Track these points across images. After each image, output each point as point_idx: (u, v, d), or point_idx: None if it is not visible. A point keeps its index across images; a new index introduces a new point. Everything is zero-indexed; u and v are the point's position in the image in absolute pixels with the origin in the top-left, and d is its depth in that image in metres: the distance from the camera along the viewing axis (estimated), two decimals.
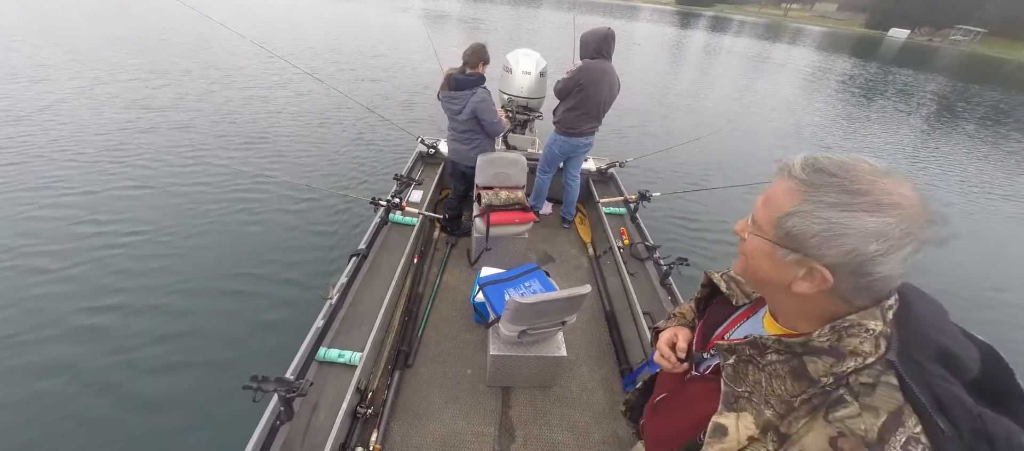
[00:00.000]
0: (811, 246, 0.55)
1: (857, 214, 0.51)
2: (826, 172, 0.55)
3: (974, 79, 25.15)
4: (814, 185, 0.55)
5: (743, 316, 0.81)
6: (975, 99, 16.94)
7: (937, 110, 13.93)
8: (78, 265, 3.24)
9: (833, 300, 0.58)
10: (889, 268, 0.52)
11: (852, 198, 0.52)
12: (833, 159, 0.56)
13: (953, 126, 11.65)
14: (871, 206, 0.51)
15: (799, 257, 0.57)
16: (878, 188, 0.52)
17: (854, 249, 0.52)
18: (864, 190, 0.52)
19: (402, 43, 13.95)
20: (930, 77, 23.00)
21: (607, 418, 2.10)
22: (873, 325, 0.56)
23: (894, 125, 11.02)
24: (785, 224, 0.57)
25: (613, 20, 32.75)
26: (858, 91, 15.59)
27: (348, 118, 6.76)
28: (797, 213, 0.56)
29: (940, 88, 19.15)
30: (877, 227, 0.51)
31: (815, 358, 0.58)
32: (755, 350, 0.65)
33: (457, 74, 2.71)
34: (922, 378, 0.53)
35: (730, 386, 0.67)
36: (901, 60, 31.55)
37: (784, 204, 0.58)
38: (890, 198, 0.51)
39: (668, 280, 2.53)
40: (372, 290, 2.30)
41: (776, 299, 0.69)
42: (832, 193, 0.53)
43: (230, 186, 4.45)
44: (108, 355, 2.62)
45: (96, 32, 10.43)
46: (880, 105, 13.45)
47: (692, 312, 1.00)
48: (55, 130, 5.21)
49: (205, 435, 2.27)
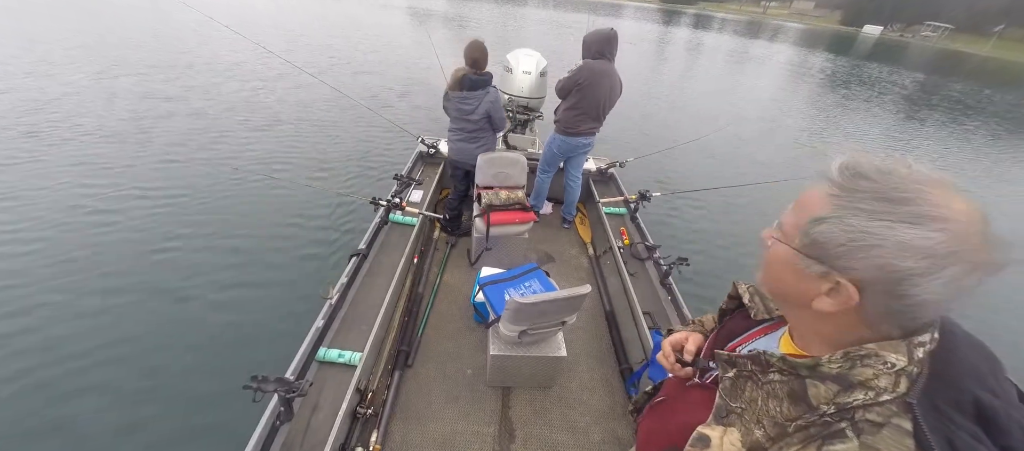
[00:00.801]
0: (837, 256, 0.50)
1: (893, 224, 0.46)
2: (864, 176, 0.49)
3: (942, 73, 27.24)
4: (849, 190, 0.50)
5: (761, 332, 0.76)
6: (943, 91, 18.53)
7: (909, 103, 14.89)
8: (77, 264, 3.24)
9: (858, 323, 0.52)
10: (929, 292, 0.45)
11: (890, 206, 0.46)
12: (875, 163, 0.50)
13: (924, 116, 12.82)
14: (912, 217, 0.45)
15: (824, 269, 0.52)
16: (923, 197, 0.45)
17: (886, 264, 0.46)
18: (905, 198, 0.46)
19: (396, 42, 13.95)
20: (905, 73, 24.35)
21: (607, 418, 2.10)
22: (894, 359, 0.49)
23: (872, 117, 11.65)
24: (812, 231, 0.52)
25: (598, 18, 32.85)
26: (839, 85, 16.56)
27: (348, 118, 6.75)
28: (826, 219, 0.51)
29: (914, 82, 20.65)
30: (917, 242, 0.44)
31: (818, 383, 0.53)
32: (757, 366, 0.61)
33: (471, 74, 2.71)
34: (943, 430, 0.46)
35: (724, 399, 0.64)
36: (876, 56, 33.18)
37: (815, 209, 0.53)
38: (936, 210, 0.45)
39: (668, 280, 2.53)
40: (372, 290, 2.30)
41: (795, 316, 0.64)
42: (867, 199, 0.48)
43: (229, 186, 4.45)
44: (107, 354, 2.62)
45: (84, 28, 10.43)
46: (857, 97, 14.23)
47: (713, 322, 0.94)
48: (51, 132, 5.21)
49: (205, 435, 2.27)
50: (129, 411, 2.35)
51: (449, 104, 2.83)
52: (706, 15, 71.57)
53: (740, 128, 8.85)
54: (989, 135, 11.40)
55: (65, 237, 3.50)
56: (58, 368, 2.51)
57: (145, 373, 2.54)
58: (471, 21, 21.81)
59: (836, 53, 31.01)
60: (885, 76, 21.30)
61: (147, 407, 2.38)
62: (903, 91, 17.34)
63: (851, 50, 36.14)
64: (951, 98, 16.97)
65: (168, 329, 2.83)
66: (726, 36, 35.36)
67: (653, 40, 25.52)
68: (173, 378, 2.54)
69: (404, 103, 8.01)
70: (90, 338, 2.71)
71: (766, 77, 17.06)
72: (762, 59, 22.70)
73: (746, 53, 24.77)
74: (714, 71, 17.00)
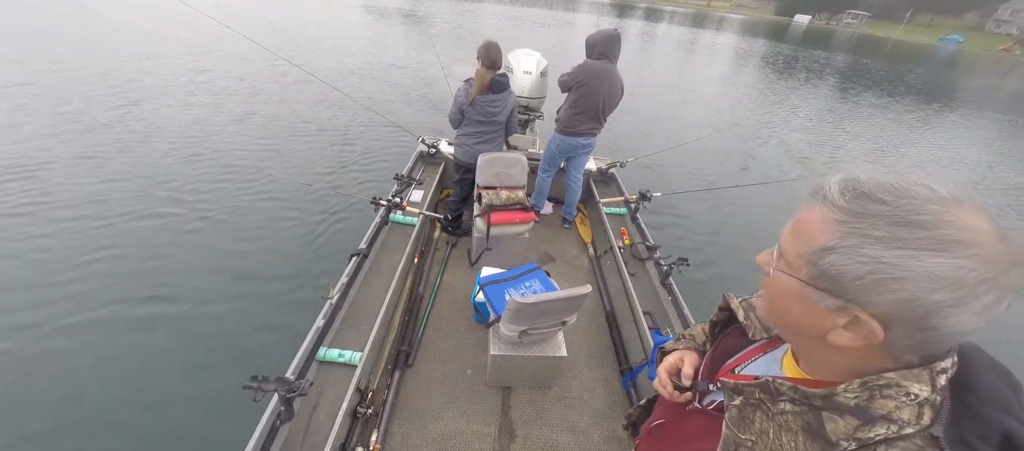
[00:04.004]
0: (855, 291, 0.45)
1: (916, 253, 0.41)
2: (873, 198, 0.45)
3: (864, 54, 32.04)
4: (858, 214, 0.45)
5: (760, 350, 0.71)
6: (865, 71, 21.75)
7: (840, 81, 17.43)
8: (76, 262, 3.24)
9: (879, 356, 0.48)
10: (960, 322, 0.42)
11: (909, 232, 0.42)
12: (881, 181, 0.46)
13: (859, 91, 15.38)
14: (935, 243, 0.41)
15: (840, 303, 0.47)
16: (943, 220, 0.41)
17: (914, 298, 0.42)
18: (924, 222, 0.42)
19: (396, 41, 13.95)
20: (835, 55, 28.03)
21: (607, 418, 2.10)
22: (917, 389, 0.46)
23: (811, 99, 13.16)
24: (820, 262, 0.47)
25: (553, 12, 34.02)
26: (779, 68, 19.05)
27: (348, 117, 6.76)
28: (837, 249, 0.46)
29: (842, 63, 24.01)
30: (945, 271, 0.40)
31: (836, 416, 0.49)
32: (766, 395, 0.57)
33: (497, 76, 2.72)
34: None
35: (732, 430, 0.60)
36: (808, 41, 37.15)
37: (819, 236, 0.48)
38: (960, 233, 0.41)
39: (668, 280, 2.52)
40: (372, 290, 2.30)
41: (804, 346, 0.59)
42: (882, 225, 0.43)
43: (229, 186, 4.45)
44: (107, 354, 2.62)
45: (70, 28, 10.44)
46: (796, 81, 15.89)
47: (704, 335, 0.89)
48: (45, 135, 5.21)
49: (205, 435, 2.27)
50: (129, 411, 2.35)
51: (472, 108, 2.77)
52: (656, 9, 76.99)
53: (741, 127, 8.87)
54: (910, 103, 14.19)
55: (65, 237, 3.50)
56: (58, 368, 2.51)
57: (145, 373, 2.54)
58: (427, 17, 21.34)
59: (776, 40, 34.93)
60: (823, 60, 24.42)
61: (147, 407, 2.38)
62: (837, 71, 20.61)
63: (786, 37, 40.00)
64: (878, 75, 20.48)
65: (168, 329, 2.83)
66: (676, 27, 37.99)
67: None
68: (173, 378, 2.54)
69: (404, 103, 8.01)
70: (90, 338, 2.71)
71: (722, 65, 18.89)
72: (712, 46, 25.34)
73: (697, 42, 27.23)
74: (672, 63, 18.33)
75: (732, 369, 0.72)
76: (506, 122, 2.93)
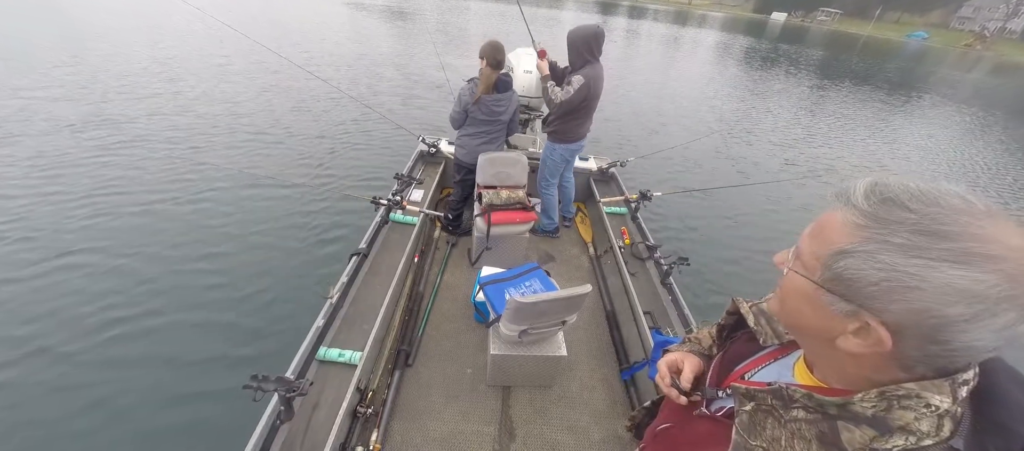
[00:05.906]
0: (867, 296, 0.44)
1: (936, 264, 0.40)
2: (899, 204, 0.43)
3: (838, 49, 33.63)
4: (881, 220, 0.44)
5: (771, 356, 0.69)
6: (844, 65, 23.17)
7: (818, 76, 18.16)
8: (76, 263, 3.24)
9: (888, 365, 0.47)
10: (976, 338, 0.40)
11: (931, 241, 0.40)
12: (911, 188, 0.44)
13: (837, 84, 16.26)
14: (958, 255, 0.39)
15: (851, 308, 0.46)
16: (970, 232, 0.40)
17: (927, 309, 0.41)
18: (950, 232, 0.40)
19: (395, 43, 13.94)
20: (809, 50, 29.24)
21: (607, 418, 2.10)
22: (937, 401, 0.44)
23: (814, 100, 13.26)
24: (835, 265, 0.46)
25: (539, 9, 34.10)
26: (759, 63, 19.69)
27: (348, 116, 6.75)
28: (853, 253, 0.45)
29: (822, 58, 25.31)
30: (966, 284, 0.39)
31: (852, 426, 0.48)
32: (778, 401, 0.55)
33: (501, 76, 2.71)
34: None
35: (742, 437, 0.58)
36: (784, 38, 38.60)
37: (837, 239, 0.47)
38: (986, 247, 0.39)
39: (669, 280, 2.52)
40: (372, 289, 2.30)
41: (815, 350, 0.58)
42: (903, 232, 0.42)
43: (229, 186, 4.45)
44: (107, 354, 2.63)
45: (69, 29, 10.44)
46: (798, 82, 15.99)
47: (710, 339, 0.87)
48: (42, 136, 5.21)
49: (205, 434, 2.27)
50: (129, 411, 2.35)
51: (477, 108, 2.75)
52: (640, 7, 78.22)
53: (742, 128, 8.86)
54: (884, 95, 15.12)
55: (67, 236, 3.51)
56: (58, 369, 2.52)
57: (145, 372, 2.55)
58: (412, 13, 21.24)
59: (755, 37, 35.71)
60: (804, 54, 25.44)
61: (147, 406, 2.38)
62: (815, 64, 21.64)
63: (764, 34, 41.31)
64: (852, 69, 21.58)
65: (168, 328, 2.83)
66: (661, 25, 38.61)
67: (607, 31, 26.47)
68: (173, 377, 2.54)
69: (404, 102, 8.01)
70: (88, 337, 2.71)
71: (708, 63, 19.02)
72: (697, 42, 26.13)
73: (680, 39, 27.75)
74: (654, 59, 18.59)
75: (742, 375, 0.70)
76: (509, 122, 2.94)
